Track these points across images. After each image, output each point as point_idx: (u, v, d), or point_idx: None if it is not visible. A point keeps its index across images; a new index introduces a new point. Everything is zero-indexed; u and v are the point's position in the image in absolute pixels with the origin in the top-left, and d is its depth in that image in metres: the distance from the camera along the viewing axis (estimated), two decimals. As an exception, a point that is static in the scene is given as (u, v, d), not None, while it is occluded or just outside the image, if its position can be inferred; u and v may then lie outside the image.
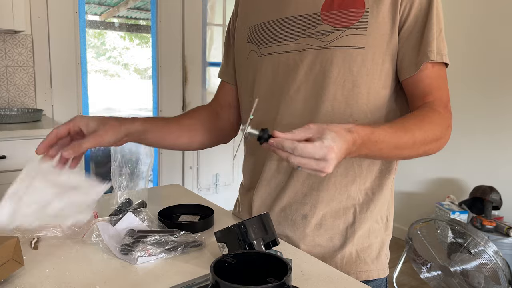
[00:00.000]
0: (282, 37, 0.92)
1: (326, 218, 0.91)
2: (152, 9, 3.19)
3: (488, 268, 1.96)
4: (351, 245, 0.91)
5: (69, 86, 2.84)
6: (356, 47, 0.84)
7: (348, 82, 0.86)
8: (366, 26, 0.84)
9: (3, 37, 2.60)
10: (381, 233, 0.95)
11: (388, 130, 0.76)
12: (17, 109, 2.60)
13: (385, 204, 0.94)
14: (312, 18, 0.88)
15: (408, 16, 0.84)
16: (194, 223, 0.95)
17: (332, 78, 0.86)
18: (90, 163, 3.16)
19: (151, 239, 0.81)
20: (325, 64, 0.86)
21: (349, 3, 0.85)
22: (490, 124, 2.97)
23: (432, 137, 0.81)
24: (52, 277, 0.72)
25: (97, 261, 0.78)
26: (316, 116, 0.88)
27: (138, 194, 1.00)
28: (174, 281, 0.71)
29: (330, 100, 0.87)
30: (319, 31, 0.87)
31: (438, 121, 0.82)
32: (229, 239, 0.74)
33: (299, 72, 0.89)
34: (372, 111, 0.88)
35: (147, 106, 3.51)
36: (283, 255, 0.78)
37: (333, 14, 0.86)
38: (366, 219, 0.91)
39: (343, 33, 0.85)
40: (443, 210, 2.83)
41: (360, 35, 0.84)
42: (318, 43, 0.87)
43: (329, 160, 0.64)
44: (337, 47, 0.85)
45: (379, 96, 0.88)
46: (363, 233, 0.92)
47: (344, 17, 0.85)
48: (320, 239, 0.92)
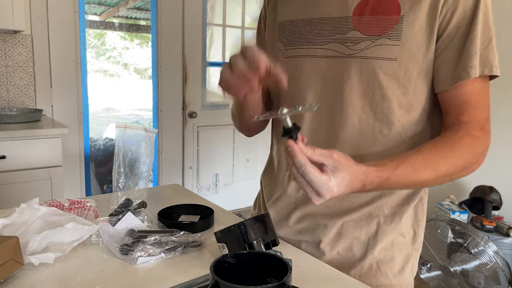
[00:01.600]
0: (309, 40, 0.86)
1: (347, 228, 0.87)
2: (152, 9, 3.19)
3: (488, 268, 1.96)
4: (372, 257, 0.87)
5: (69, 86, 2.84)
6: (388, 59, 0.78)
7: (378, 95, 0.80)
8: (400, 35, 0.77)
9: (3, 37, 2.59)
10: (406, 246, 0.89)
11: (406, 170, 0.71)
12: (17, 109, 2.60)
13: (412, 217, 0.89)
14: (342, 22, 0.82)
15: (448, 23, 0.76)
16: (194, 223, 0.95)
17: (361, 90, 0.81)
18: (90, 163, 3.16)
19: (151, 239, 0.81)
20: (353, 75, 0.81)
21: (384, 9, 0.78)
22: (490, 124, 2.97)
23: (461, 166, 0.75)
24: (52, 277, 0.72)
25: (97, 261, 0.78)
26: (342, 130, 0.83)
27: (138, 194, 1.00)
28: (174, 281, 0.71)
29: (358, 114, 0.82)
30: (348, 38, 0.81)
31: (470, 148, 0.76)
32: (229, 239, 0.74)
33: (324, 81, 0.84)
34: (405, 128, 0.82)
35: (147, 106, 3.51)
36: (283, 255, 0.78)
37: (365, 20, 0.80)
38: (390, 231, 0.86)
39: (374, 42, 0.79)
40: (443, 210, 2.83)
41: (392, 45, 0.77)
42: (347, 51, 0.81)
43: (322, 197, 0.64)
44: (367, 57, 0.79)
45: (413, 111, 0.81)
46: (385, 246, 0.87)
47: (376, 25, 0.79)
48: (339, 248, 0.88)
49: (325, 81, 0.84)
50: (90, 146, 3.12)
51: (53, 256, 0.72)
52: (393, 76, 0.79)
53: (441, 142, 0.76)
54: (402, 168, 0.71)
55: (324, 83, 0.84)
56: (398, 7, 0.77)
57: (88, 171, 3.05)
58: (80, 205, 0.94)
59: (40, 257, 0.72)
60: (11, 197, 2.13)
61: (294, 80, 0.88)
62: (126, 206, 0.96)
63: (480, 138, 0.77)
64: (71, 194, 2.86)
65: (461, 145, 0.75)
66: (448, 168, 0.74)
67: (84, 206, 0.94)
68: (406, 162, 0.72)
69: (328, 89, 0.84)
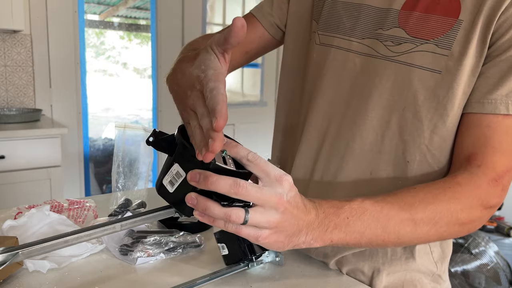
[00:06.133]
0: (346, 29, 0.74)
1: (347, 258, 0.76)
2: (151, 8, 3.19)
3: (489, 268, 1.96)
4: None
5: (68, 86, 2.83)
6: (430, 69, 0.64)
7: (408, 112, 0.67)
8: (451, 43, 0.63)
9: (2, 37, 2.59)
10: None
11: (370, 203, 0.57)
12: (16, 109, 2.59)
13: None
14: (388, 15, 0.69)
15: (502, 36, 0.61)
16: (194, 223, 0.95)
17: (391, 101, 0.68)
18: (90, 163, 3.15)
19: (151, 239, 0.80)
20: (386, 81, 0.68)
21: (442, 7, 0.64)
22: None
23: (448, 219, 0.59)
24: (51, 277, 0.71)
25: (96, 261, 0.78)
26: (358, 143, 0.71)
27: (137, 194, 1.00)
28: (173, 281, 0.71)
29: (382, 128, 0.69)
30: (389, 36, 0.68)
31: (468, 199, 0.59)
32: (229, 239, 0.74)
33: (352, 81, 0.72)
34: (434, 156, 0.67)
35: (147, 106, 3.51)
36: (283, 255, 0.78)
37: (413, 17, 0.66)
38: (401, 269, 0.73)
39: (419, 46, 0.65)
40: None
41: (440, 54, 0.64)
42: (384, 51, 0.68)
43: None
44: (406, 63, 0.66)
45: (449, 138, 0.66)
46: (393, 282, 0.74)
47: (426, 25, 0.65)
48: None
49: (354, 82, 0.72)
50: (89, 146, 3.12)
51: (48, 265, 0.72)
52: (433, 93, 0.65)
53: (429, 185, 0.62)
54: (361, 200, 0.57)
55: (353, 84, 0.72)
56: (458, 8, 0.63)
57: (87, 171, 3.04)
58: (79, 205, 0.93)
59: (35, 263, 0.72)
60: (11, 197, 2.13)
61: (318, 71, 0.76)
62: (125, 206, 0.95)
63: (487, 190, 0.60)
64: (70, 194, 2.86)
65: (453, 192, 0.59)
66: (428, 216, 0.58)
67: (83, 206, 0.93)
68: (373, 198, 0.59)
69: (355, 92, 0.72)
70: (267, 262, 0.78)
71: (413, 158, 0.68)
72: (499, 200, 0.61)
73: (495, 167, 0.60)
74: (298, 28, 0.84)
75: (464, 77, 0.63)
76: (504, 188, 0.61)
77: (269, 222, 0.50)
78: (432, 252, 0.75)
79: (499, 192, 0.61)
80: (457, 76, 0.63)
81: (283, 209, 0.50)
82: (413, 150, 0.67)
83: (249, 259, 0.74)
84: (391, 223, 0.57)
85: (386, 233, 0.57)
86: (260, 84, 3.94)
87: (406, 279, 0.73)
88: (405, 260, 0.73)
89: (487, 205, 0.61)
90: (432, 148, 0.67)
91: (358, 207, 0.56)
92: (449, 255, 0.78)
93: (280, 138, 0.91)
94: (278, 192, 0.50)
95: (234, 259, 0.74)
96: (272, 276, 0.74)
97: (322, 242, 0.55)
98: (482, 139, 0.62)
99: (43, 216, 0.83)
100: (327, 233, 0.55)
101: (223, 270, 0.74)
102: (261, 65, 3.89)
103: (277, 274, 0.75)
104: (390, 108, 0.68)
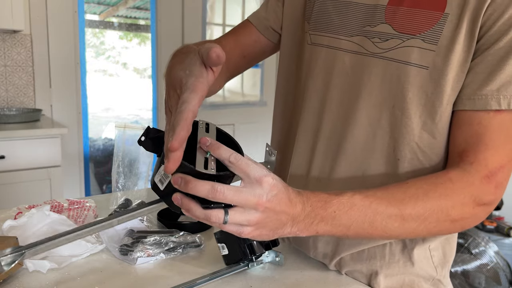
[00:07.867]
0: (336, 27, 0.73)
1: (346, 260, 0.76)
2: (151, 8, 3.19)
3: (489, 268, 1.96)
4: None
5: (68, 86, 2.83)
6: (417, 65, 0.63)
7: (397, 109, 0.66)
8: (438, 38, 0.62)
9: (2, 37, 2.59)
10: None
11: (359, 198, 0.57)
12: (16, 109, 2.59)
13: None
14: (375, 11, 0.68)
15: (490, 28, 0.60)
16: (194, 223, 0.95)
17: (380, 98, 0.67)
18: (90, 163, 3.15)
19: (151, 239, 0.80)
20: (375, 78, 0.67)
21: (426, 1, 0.64)
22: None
23: (438, 216, 0.59)
24: (51, 277, 0.71)
25: (96, 261, 0.78)
26: (349, 142, 0.71)
27: (137, 194, 1.00)
28: (173, 281, 0.71)
29: (372, 126, 0.69)
30: (377, 32, 0.67)
31: (460, 196, 0.59)
32: (229, 239, 0.74)
33: (342, 80, 0.72)
34: (425, 153, 0.67)
35: (147, 106, 3.51)
36: (283, 256, 0.78)
37: (400, 12, 0.65)
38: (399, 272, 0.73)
39: (405, 42, 0.64)
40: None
41: (426, 49, 0.63)
42: (372, 48, 0.68)
43: None
44: (393, 59, 0.65)
45: (438, 135, 0.66)
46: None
47: (412, 20, 0.64)
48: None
49: (344, 81, 0.72)
50: (89, 146, 3.12)
51: (48, 265, 0.72)
52: (421, 89, 0.64)
53: (421, 180, 0.61)
54: (349, 194, 0.57)
55: (343, 83, 0.72)
56: (444, 1, 0.62)
57: (87, 171, 3.04)
58: (79, 205, 0.93)
59: (35, 263, 0.72)
60: (11, 197, 2.13)
61: (310, 71, 0.76)
62: (125, 206, 0.95)
63: (480, 189, 0.60)
64: (70, 194, 2.86)
65: (445, 188, 0.59)
66: (417, 212, 0.58)
67: (83, 206, 0.93)
68: (364, 192, 0.58)
69: (345, 91, 0.71)
70: (267, 262, 0.78)
71: (403, 156, 0.67)
72: (494, 198, 0.61)
73: (487, 164, 0.60)
74: (292, 30, 0.85)
75: (453, 73, 0.62)
76: (498, 185, 0.60)
77: (249, 221, 0.52)
78: (432, 257, 0.74)
79: (493, 189, 0.60)
80: (445, 72, 0.62)
81: (263, 208, 0.51)
82: (403, 148, 0.67)
83: (249, 259, 0.74)
84: (378, 218, 0.57)
85: (373, 228, 0.58)
86: (260, 84, 3.94)
87: (405, 282, 0.73)
88: (403, 263, 0.72)
89: (480, 202, 0.60)
90: (422, 145, 0.66)
91: (347, 202, 0.57)
92: (451, 259, 0.77)
93: (277, 138, 0.92)
94: (257, 193, 0.51)
95: (234, 259, 0.74)
96: (272, 276, 0.74)
97: (307, 233, 0.57)
98: (474, 137, 0.61)
99: (43, 216, 0.83)
100: (313, 225, 0.56)
101: (223, 270, 0.74)
102: (261, 65, 3.89)
103: (277, 274, 0.75)
104: (380, 106, 0.68)
